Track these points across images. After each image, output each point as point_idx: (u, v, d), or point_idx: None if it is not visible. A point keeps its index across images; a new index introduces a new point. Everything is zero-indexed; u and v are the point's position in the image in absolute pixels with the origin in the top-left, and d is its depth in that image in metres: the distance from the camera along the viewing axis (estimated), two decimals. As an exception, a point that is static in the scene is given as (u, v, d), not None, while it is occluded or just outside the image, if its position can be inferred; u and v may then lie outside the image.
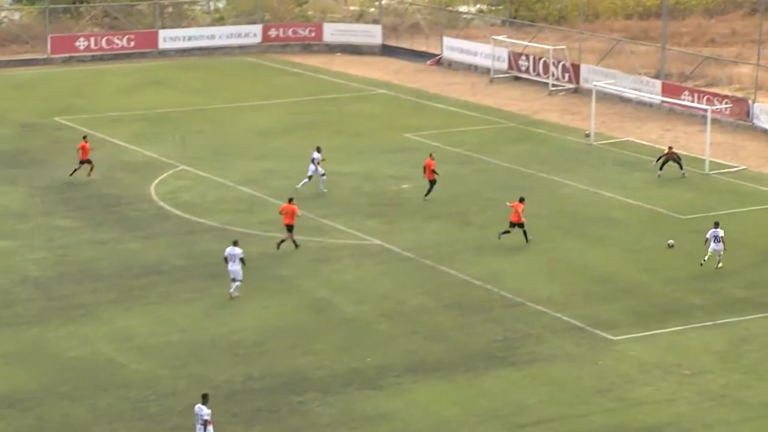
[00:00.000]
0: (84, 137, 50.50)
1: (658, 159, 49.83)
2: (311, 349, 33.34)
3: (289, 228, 40.85)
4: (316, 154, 47.46)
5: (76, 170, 49.14)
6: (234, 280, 36.83)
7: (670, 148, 50.13)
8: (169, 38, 77.40)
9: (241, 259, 36.77)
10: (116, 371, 32.05)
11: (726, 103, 58.26)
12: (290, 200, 41.51)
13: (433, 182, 46.55)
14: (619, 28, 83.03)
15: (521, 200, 41.63)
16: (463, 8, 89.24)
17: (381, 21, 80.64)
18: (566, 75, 67.22)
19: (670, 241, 41.11)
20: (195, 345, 33.64)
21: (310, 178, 47.32)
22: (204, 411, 27.41)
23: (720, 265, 39.08)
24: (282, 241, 41.02)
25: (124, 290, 37.60)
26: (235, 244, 37.04)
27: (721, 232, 38.97)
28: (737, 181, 49.51)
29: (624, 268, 39.59)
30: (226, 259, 36.92)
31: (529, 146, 54.89)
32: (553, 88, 66.83)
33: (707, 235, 39.33)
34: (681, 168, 49.53)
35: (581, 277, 38.82)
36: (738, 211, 45.52)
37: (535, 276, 38.79)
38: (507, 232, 41.42)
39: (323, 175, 47.39)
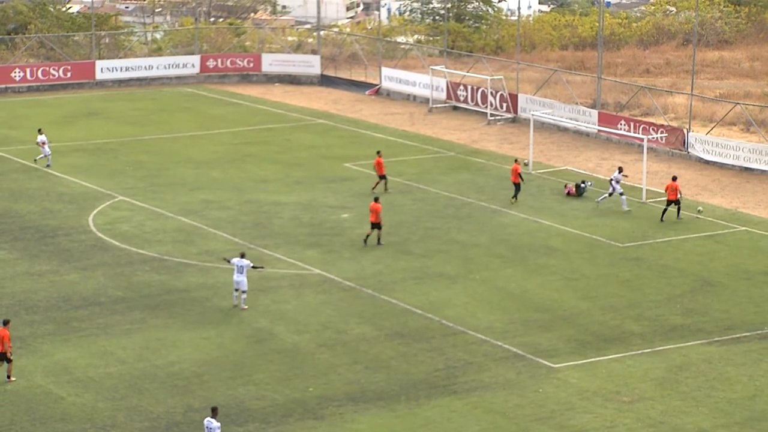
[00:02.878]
0: (378, 152, 52.22)
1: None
2: (252, 380, 33.16)
3: (375, 226, 44.01)
4: (617, 174, 49.03)
5: (378, 184, 51.15)
6: (237, 290, 38.08)
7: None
8: (106, 69, 77.04)
9: (254, 267, 38.32)
10: (54, 404, 31.66)
11: (661, 133, 58.94)
12: (376, 199, 44.51)
13: (518, 186, 49.70)
14: (555, 59, 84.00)
15: (674, 179, 47.63)
16: (401, 38, 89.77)
17: (319, 51, 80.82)
18: (504, 105, 67.69)
19: None
20: (134, 377, 33.32)
21: (610, 194, 49.20)
22: (213, 424, 27.84)
23: None
24: (368, 235, 44.37)
25: (62, 322, 37.21)
26: (242, 256, 38.26)
27: None
28: (673, 209, 49.98)
29: (563, 296, 39.82)
30: (233, 264, 38.23)
31: (468, 175, 55.15)
32: (491, 118, 67.26)
33: None
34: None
35: (521, 305, 38.98)
36: (675, 239, 45.99)
37: (475, 304, 38.89)
38: (666, 210, 47.65)
39: (622, 194, 48.99)
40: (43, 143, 56.04)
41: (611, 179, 49.86)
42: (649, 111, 66.04)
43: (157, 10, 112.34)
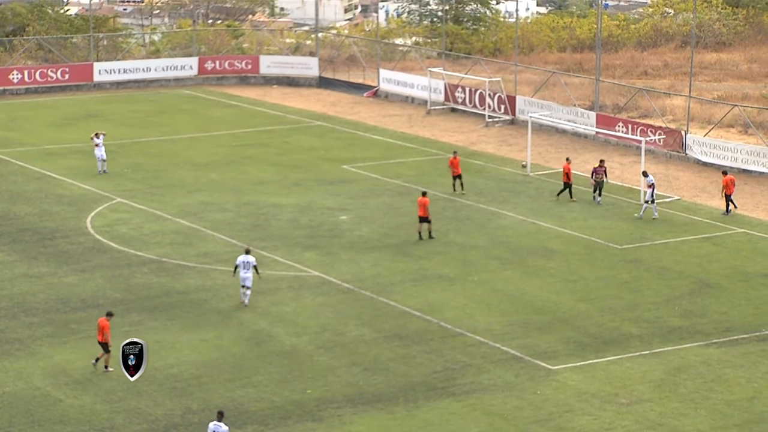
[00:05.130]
0: (454, 152, 52.97)
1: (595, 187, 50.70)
2: (250, 382, 33.17)
3: (423, 220, 44.71)
4: (646, 178, 48.78)
5: (462, 184, 52.08)
6: (243, 287, 38.07)
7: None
8: (104, 71, 77.04)
9: (254, 267, 38.09)
10: (52, 406, 31.65)
11: (659, 135, 58.97)
12: (424, 194, 44.96)
13: (567, 184, 50.83)
14: (553, 61, 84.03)
15: (725, 173, 49.64)
16: (399, 41, 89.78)
17: (318, 53, 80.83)
18: (502, 106, 67.72)
19: None
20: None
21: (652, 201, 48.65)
22: (222, 428, 27.89)
23: None
24: (420, 232, 45.10)
25: (60, 324, 37.19)
26: (247, 252, 38.36)
27: None
28: (671, 211, 50.04)
29: (562, 298, 39.83)
30: (236, 267, 38.07)
31: (467, 177, 55.07)
32: (490, 120, 67.29)
33: None
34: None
35: (519, 307, 38.98)
36: (672, 241, 46.01)
37: (473, 306, 38.90)
38: (728, 203, 49.40)
39: (648, 202, 48.42)
40: (96, 145, 55.03)
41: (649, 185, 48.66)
42: (647, 113, 66.05)
43: (155, 12, 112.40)
